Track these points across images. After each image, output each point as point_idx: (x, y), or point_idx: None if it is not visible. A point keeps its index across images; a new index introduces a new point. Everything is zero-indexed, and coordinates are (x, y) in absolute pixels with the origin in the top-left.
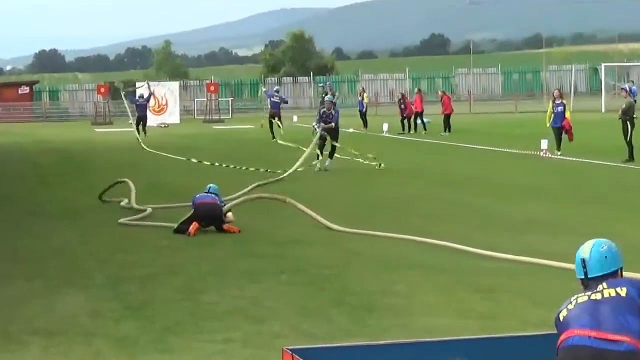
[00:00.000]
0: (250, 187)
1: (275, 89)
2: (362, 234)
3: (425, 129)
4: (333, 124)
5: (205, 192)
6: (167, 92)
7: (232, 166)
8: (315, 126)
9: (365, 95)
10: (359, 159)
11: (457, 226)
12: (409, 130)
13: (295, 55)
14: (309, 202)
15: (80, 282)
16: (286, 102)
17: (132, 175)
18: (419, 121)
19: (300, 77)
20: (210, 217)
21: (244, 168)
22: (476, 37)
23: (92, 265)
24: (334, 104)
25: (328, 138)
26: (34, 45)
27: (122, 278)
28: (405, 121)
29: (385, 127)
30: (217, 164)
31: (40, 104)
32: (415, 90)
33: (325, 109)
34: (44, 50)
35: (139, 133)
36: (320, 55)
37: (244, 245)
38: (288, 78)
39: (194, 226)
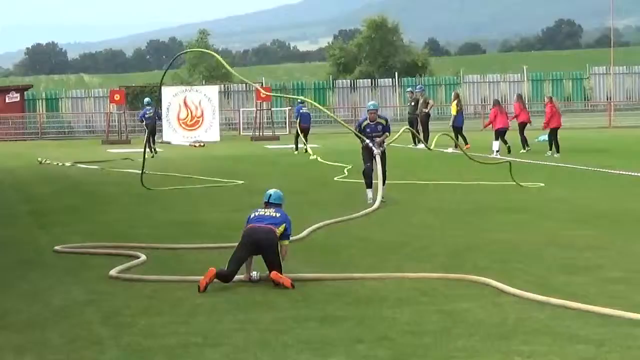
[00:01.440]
0: (314, 227)
1: (300, 100)
2: (469, 280)
3: (508, 151)
4: (383, 147)
5: (261, 212)
6: (203, 99)
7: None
8: (371, 145)
9: (455, 103)
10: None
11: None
12: (524, 146)
13: (374, 50)
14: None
15: (89, 356)
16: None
17: (155, 210)
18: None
19: (382, 79)
20: (259, 247)
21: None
22: (618, 24)
23: (104, 332)
24: (377, 112)
25: (377, 159)
26: (25, 37)
27: (143, 350)
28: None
29: (495, 146)
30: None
31: (35, 116)
32: (515, 96)
33: (368, 121)
34: (38, 45)
35: (151, 151)
36: (408, 49)
37: (307, 304)
38: (365, 81)
39: (207, 275)
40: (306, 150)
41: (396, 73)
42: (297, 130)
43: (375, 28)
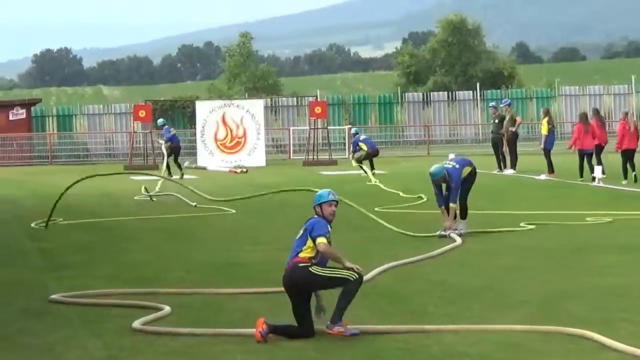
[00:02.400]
0: (380, 270)
1: (353, 131)
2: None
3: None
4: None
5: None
6: (246, 116)
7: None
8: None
9: (545, 121)
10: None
11: None
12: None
13: (451, 57)
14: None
15: None
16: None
17: (187, 248)
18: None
19: (460, 92)
20: (298, 290)
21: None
22: None
23: None
24: None
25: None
26: (33, 42)
27: None
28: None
29: (597, 172)
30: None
31: (44, 137)
32: (591, 111)
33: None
34: (48, 50)
35: (169, 172)
36: (492, 56)
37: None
38: (440, 94)
39: (258, 325)
40: (371, 178)
41: (477, 84)
42: (361, 158)
43: (452, 30)
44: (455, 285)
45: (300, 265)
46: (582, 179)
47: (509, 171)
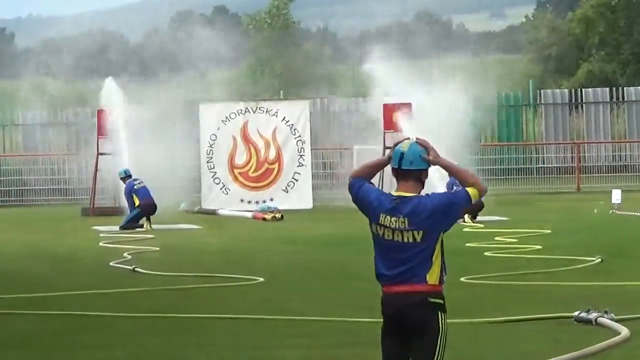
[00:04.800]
0: None
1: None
2: None
3: None
4: None
5: (387, 225)
6: (282, 128)
7: None
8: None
9: None
10: None
11: None
12: None
13: (616, 32)
14: None
15: None
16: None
17: (183, 345)
18: None
19: (632, 89)
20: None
21: None
22: None
23: None
24: None
25: None
26: None
27: None
28: None
29: None
30: None
31: None
32: None
33: None
34: None
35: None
36: None
37: None
38: (598, 90)
39: None
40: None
41: None
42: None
43: None
44: None
45: (432, 301)
46: None
47: None
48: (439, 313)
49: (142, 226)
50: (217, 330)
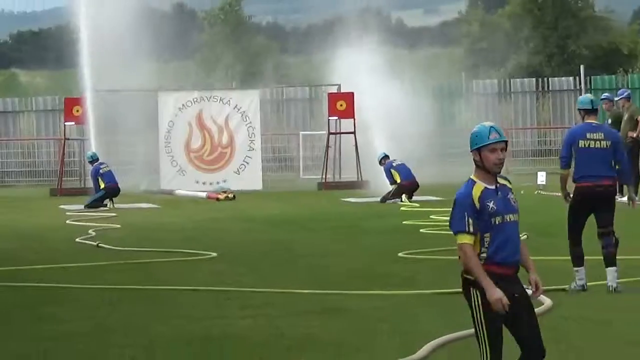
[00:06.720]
0: (434, 345)
1: (381, 154)
2: None
3: None
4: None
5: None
6: (234, 115)
7: None
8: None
9: None
10: None
11: None
12: None
13: (543, 26)
14: None
15: None
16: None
17: (147, 316)
18: None
19: (556, 79)
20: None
21: None
22: None
23: None
24: None
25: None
26: None
27: None
28: None
29: None
30: None
31: None
32: None
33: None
34: None
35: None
36: (603, 24)
37: None
38: (525, 81)
39: None
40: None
41: (582, 67)
42: (390, 195)
43: None
44: None
45: (464, 275)
46: None
47: (625, 198)
48: (470, 289)
49: (105, 205)
50: (174, 300)
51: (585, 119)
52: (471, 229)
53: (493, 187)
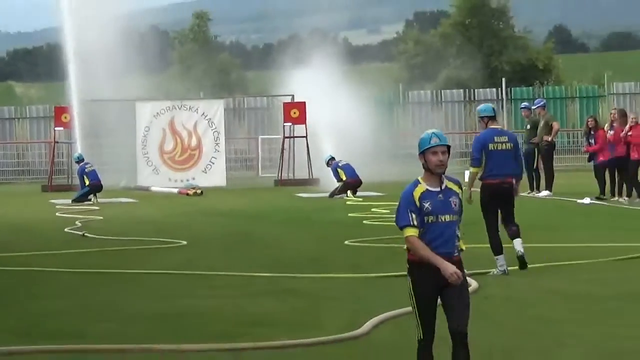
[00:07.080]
0: (377, 321)
1: (328, 156)
2: None
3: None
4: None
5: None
6: (201, 122)
7: None
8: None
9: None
10: None
11: None
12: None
13: (470, 45)
14: None
15: None
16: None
17: (119, 294)
18: None
19: (482, 90)
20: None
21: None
22: None
23: None
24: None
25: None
26: None
27: None
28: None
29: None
30: None
31: None
32: (611, 112)
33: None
34: None
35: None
36: (522, 43)
37: None
38: (454, 92)
39: None
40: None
41: (503, 80)
42: (337, 191)
43: (471, 10)
44: (474, 344)
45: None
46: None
47: (543, 193)
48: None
49: (90, 200)
50: (148, 283)
51: (489, 125)
52: (415, 223)
53: (437, 189)
